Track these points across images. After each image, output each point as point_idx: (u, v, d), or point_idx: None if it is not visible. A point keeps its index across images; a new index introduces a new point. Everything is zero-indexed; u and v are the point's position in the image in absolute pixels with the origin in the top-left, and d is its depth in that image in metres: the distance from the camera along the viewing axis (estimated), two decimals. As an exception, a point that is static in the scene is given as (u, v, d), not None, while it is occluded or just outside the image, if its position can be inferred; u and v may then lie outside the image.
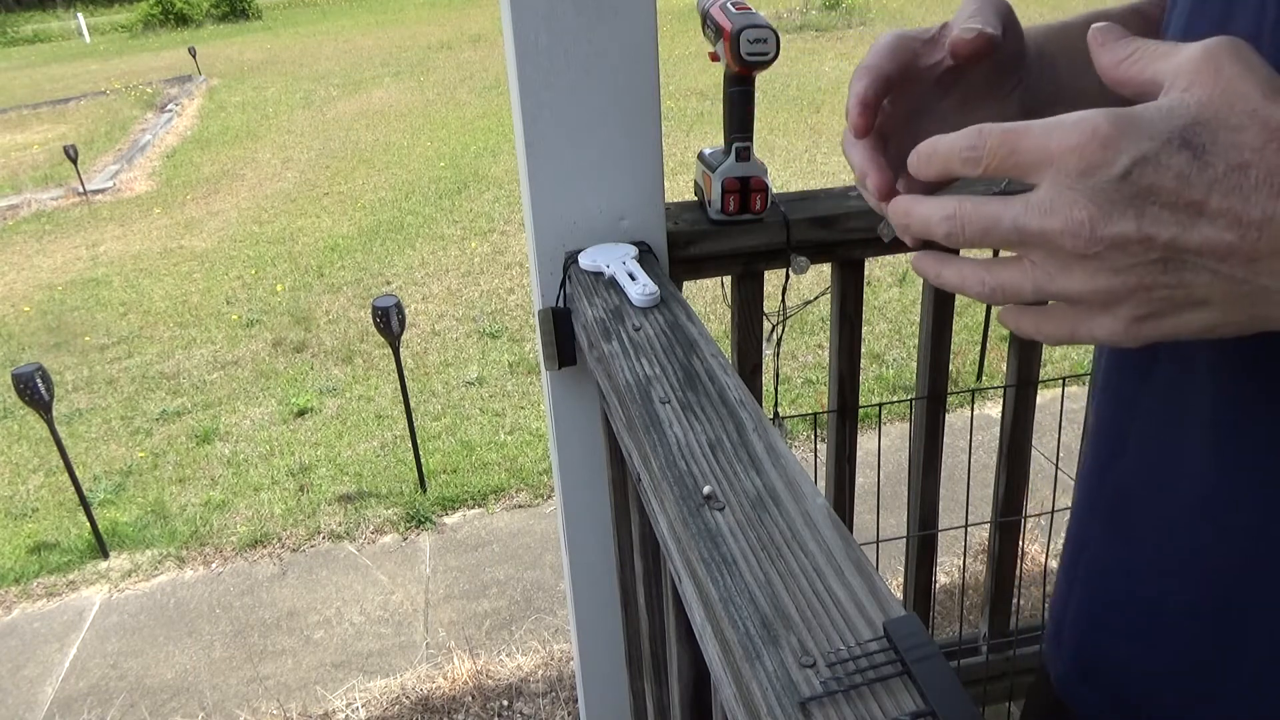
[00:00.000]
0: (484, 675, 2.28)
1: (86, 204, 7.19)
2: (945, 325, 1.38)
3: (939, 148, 0.39)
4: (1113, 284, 0.36)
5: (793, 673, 0.48)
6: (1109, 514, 0.58)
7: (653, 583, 0.96)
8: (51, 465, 3.53)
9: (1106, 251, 0.35)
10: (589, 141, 1.01)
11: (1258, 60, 0.35)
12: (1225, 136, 0.34)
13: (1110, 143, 0.34)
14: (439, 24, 15.75)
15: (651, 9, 0.98)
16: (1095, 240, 0.35)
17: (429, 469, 3.28)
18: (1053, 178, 0.36)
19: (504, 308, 4.70)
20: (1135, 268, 0.35)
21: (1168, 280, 0.35)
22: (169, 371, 4.32)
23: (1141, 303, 0.36)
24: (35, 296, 5.41)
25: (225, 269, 5.56)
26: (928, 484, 1.51)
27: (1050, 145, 0.36)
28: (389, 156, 7.78)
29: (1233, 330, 0.37)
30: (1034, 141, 0.36)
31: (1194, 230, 0.34)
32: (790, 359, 3.85)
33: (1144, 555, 0.55)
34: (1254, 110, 0.34)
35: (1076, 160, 0.35)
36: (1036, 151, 0.36)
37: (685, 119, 7.86)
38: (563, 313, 1.04)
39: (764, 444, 0.68)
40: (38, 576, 2.93)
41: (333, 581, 2.79)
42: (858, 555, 0.56)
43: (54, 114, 11.04)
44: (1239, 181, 0.33)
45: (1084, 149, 0.35)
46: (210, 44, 15.85)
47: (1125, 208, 0.34)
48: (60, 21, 22.97)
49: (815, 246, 1.20)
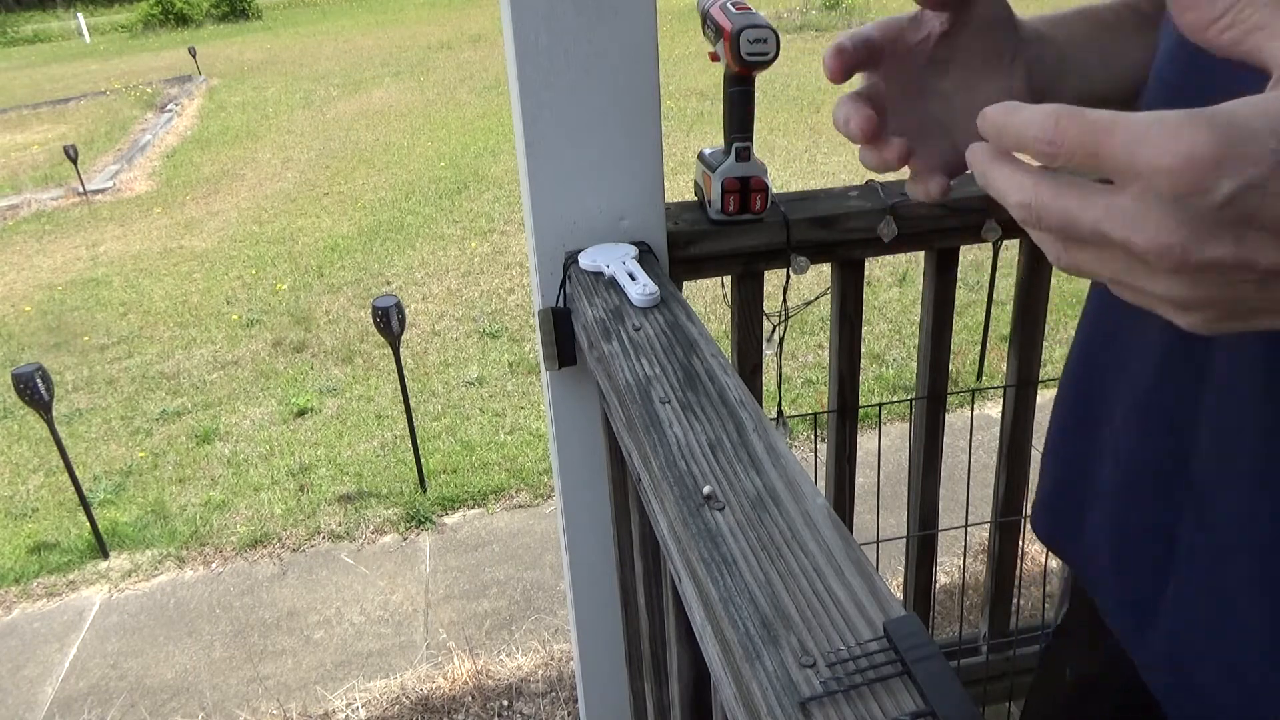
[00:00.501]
0: (484, 675, 2.28)
1: (86, 204, 7.19)
2: (945, 325, 1.38)
3: (1011, 124, 0.34)
4: (1199, 295, 0.33)
5: (793, 673, 0.48)
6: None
7: (653, 583, 0.96)
8: (51, 465, 3.53)
9: (1197, 273, 0.32)
10: (589, 141, 1.01)
11: None
12: None
13: (1211, 168, 0.30)
14: (439, 24, 15.76)
15: (651, 9, 0.98)
16: (1186, 264, 0.32)
17: (429, 469, 3.28)
18: (1140, 191, 0.32)
19: (504, 308, 4.70)
20: (1228, 286, 0.33)
21: (1262, 295, 0.33)
22: (169, 371, 4.32)
23: (1227, 311, 0.34)
24: (35, 296, 5.42)
25: (225, 269, 5.56)
26: (928, 484, 1.51)
27: (1138, 159, 0.31)
28: (389, 156, 7.78)
29: None
30: (1120, 148, 0.32)
31: None
32: (790, 359, 3.85)
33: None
34: None
35: (1170, 183, 0.31)
36: (1122, 159, 0.32)
37: (685, 119, 7.86)
38: (563, 313, 1.04)
39: (764, 444, 0.68)
40: (38, 576, 2.93)
41: (333, 581, 2.79)
42: (858, 555, 0.56)
43: (54, 114, 11.05)
44: None
45: (1179, 173, 0.30)
46: (210, 44, 15.85)
47: (1223, 233, 0.31)
48: (60, 21, 22.98)
49: (815, 246, 1.20)
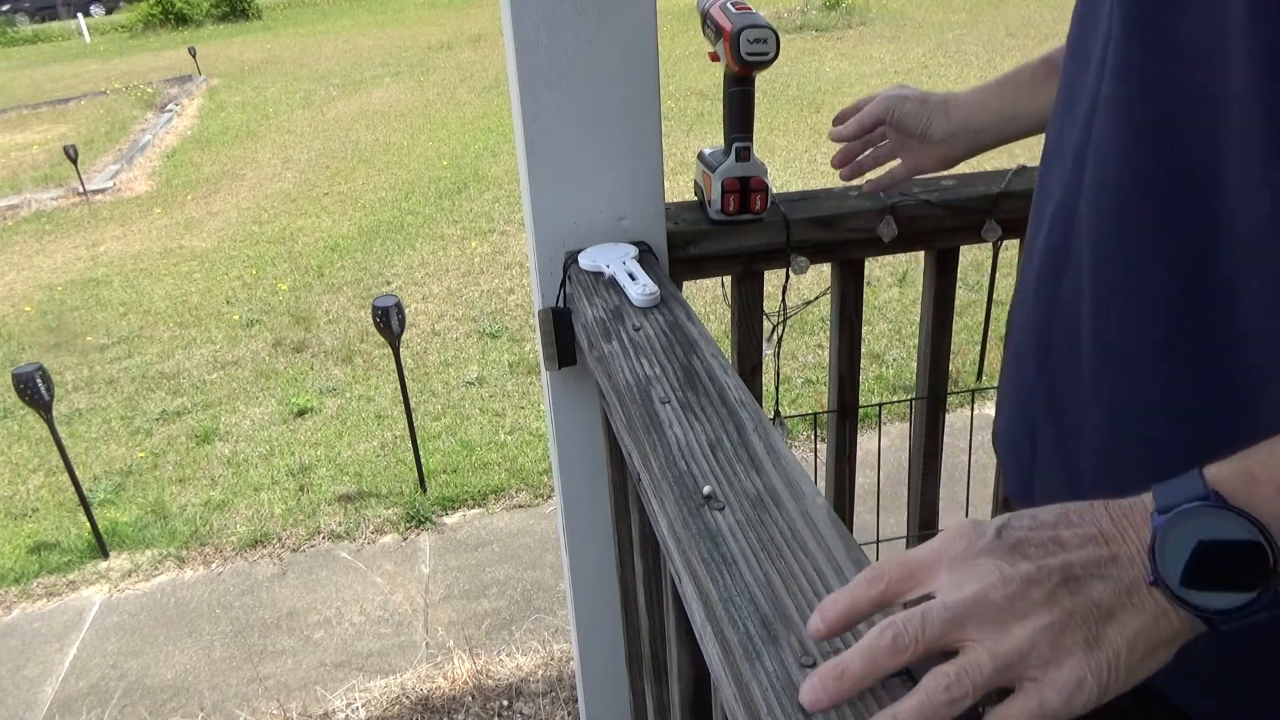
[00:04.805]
0: (484, 675, 2.28)
1: (86, 204, 7.19)
2: (945, 325, 1.38)
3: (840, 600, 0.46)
4: (1047, 619, 0.41)
5: (793, 673, 0.48)
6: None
7: (653, 583, 0.96)
8: (51, 465, 3.53)
9: (1023, 588, 0.41)
10: (589, 141, 1.01)
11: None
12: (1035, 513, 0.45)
13: (975, 524, 0.44)
14: (439, 24, 15.75)
15: (651, 9, 0.98)
16: (1010, 579, 0.42)
17: (429, 469, 3.28)
18: (949, 565, 0.44)
19: (504, 308, 4.70)
20: (1051, 596, 0.41)
21: (1080, 601, 0.41)
22: (169, 371, 4.32)
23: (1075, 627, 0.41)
24: (35, 296, 5.42)
25: (225, 269, 5.56)
26: (928, 484, 1.51)
27: (934, 548, 0.45)
28: (389, 156, 7.78)
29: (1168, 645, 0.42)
30: (921, 554, 0.45)
31: (1067, 553, 0.42)
32: (790, 359, 3.85)
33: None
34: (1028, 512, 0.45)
35: (960, 544, 0.44)
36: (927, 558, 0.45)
37: (685, 119, 7.86)
38: (563, 313, 1.04)
39: (764, 444, 0.68)
40: (38, 576, 2.93)
41: (333, 581, 2.79)
42: (858, 555, 0.56)
43: (54, 114, 11.04)
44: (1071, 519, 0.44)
45: (960, 534, 0.44)
46: (210, 44, 15.84)
47: (1014, 554, 0.43)
48: (60, 22, 22.96)
49: (815, 246, 1.20)
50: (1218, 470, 0.44)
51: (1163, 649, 0.42)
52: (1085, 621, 0.41)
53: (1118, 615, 0.41)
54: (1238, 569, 0.41)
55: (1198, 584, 0.41)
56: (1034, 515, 0.44)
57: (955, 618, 0.42)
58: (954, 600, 0.42)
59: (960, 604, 0.42)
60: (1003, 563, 0.42)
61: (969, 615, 0.42)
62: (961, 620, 0.42)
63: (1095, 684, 0.40)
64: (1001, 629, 0.41)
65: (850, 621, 0.46)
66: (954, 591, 0.42)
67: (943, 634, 0.42)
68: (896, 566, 0.45)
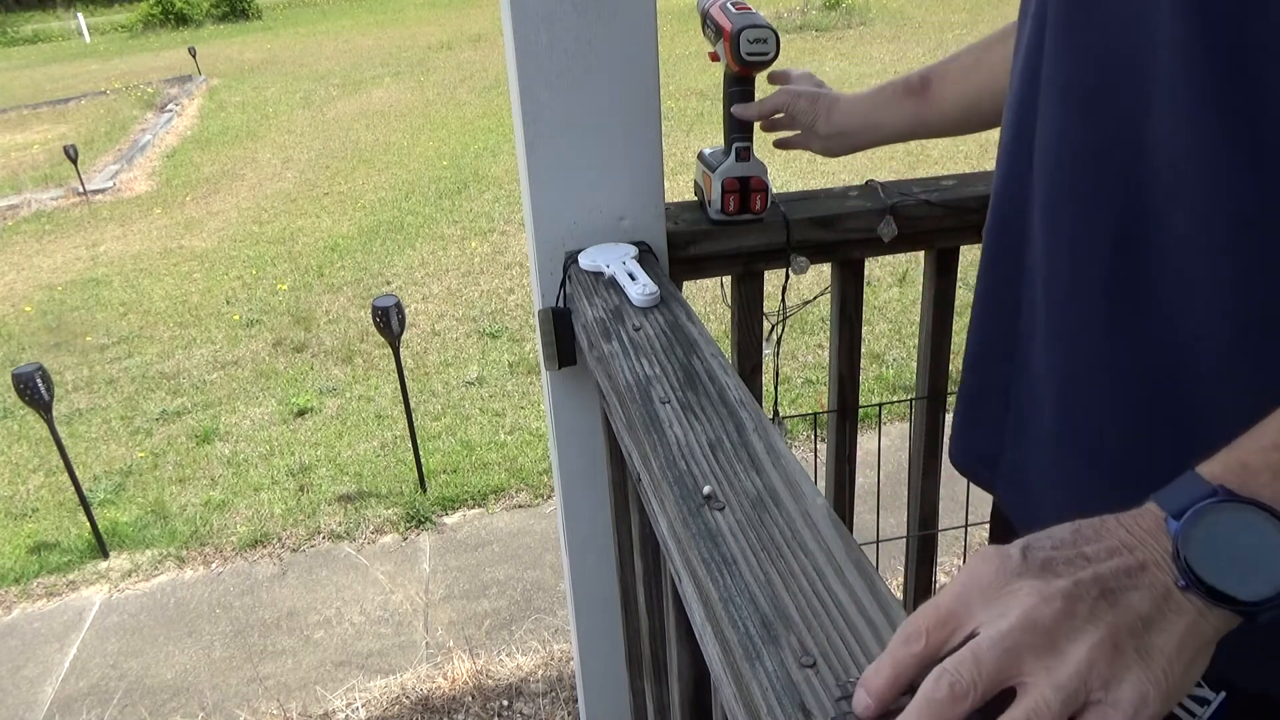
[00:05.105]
0: (484, 675, 2.28)
1: (86, 204, 7.19)
2: (945, 325, 1.38)
3: (881, 669, 0.43)
4: (1097, 635, 0.40)
5: (793, 673, 0.48)
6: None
7: (653, 583, 0.96)
8: (51, 465, 3.53)
9: (1067, 605, 0.40)
10: (589, 141, 1.01)
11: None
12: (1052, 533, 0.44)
13: (998, 551, 0.43)
14: (439, 24, 15.75)
15: (651, 9, 0.98)
16: (1051, 597, 0.41)
17: (429, 469, 3.28)
18: (981, 596, 0.42)
19: (504, 308, 4.70)
20: (1094, 611, 0.40)
21: (1122, 612, 0.41)
22: (169, 371, 4.32)
23: (1125, 639, 0.40)
24: (35, 296, 5.42)
25: (225, 269, 5.56)
26: (928, 484, 1.50)
27: (963, 584, 0.43)
28: (389, 156, 7.78)
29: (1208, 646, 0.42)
30: (951, 595, 0.43)
31: (1096, 567, 0.42)
32: (790, 359, 3.85)
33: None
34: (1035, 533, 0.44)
35: (988, 574, 0.43)
36: (959, 595, 0.43)
37: (685, 119, 7.86)
38: (563, 313, 1.04)
39: (764, 444, 0.68)
40: (38, 576, 2.93)
41: (333, 581, 2.79)
42: (858, 555, 0.56)
43: (54, 114, 11.04)
44: (1087, 534, 0.43)
45: (985, 563, 0.43)
46: (210, 44, 15.84)
47: (1046, 574, 0.42)
48: (60, 21, 22.95)
49: (815, 246, 1.20)
50: (1211, 467, 0.44)
51: (1205, 650, 0.42)
52: (1132, 633, 0.40)
53: (1159, 623, 0.41)
54: (1263, 555, 0.41)
55: (1228, 580, 0.41)
56: (1051, 535, 0.44)
57: (1008, 650, 0.40)
58: (1001, 631, 0.40)
59: (1009, 634, 0.40)
60: (1039, 583, 0.41)
61: (1021, 644, 0.40)
62: (1015, 651, 0.40)
63: (1157, 696, 0.40)
64: (1056, 654, 0.40)
65: (898, 688, 0.43)
66: (999, 622, 0.41)
67: (998, 670, 0.40)
68: (930, 614, 0.43)
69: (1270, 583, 0.41)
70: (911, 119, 1.03)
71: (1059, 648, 0.40)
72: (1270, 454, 0.44)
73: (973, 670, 0.40)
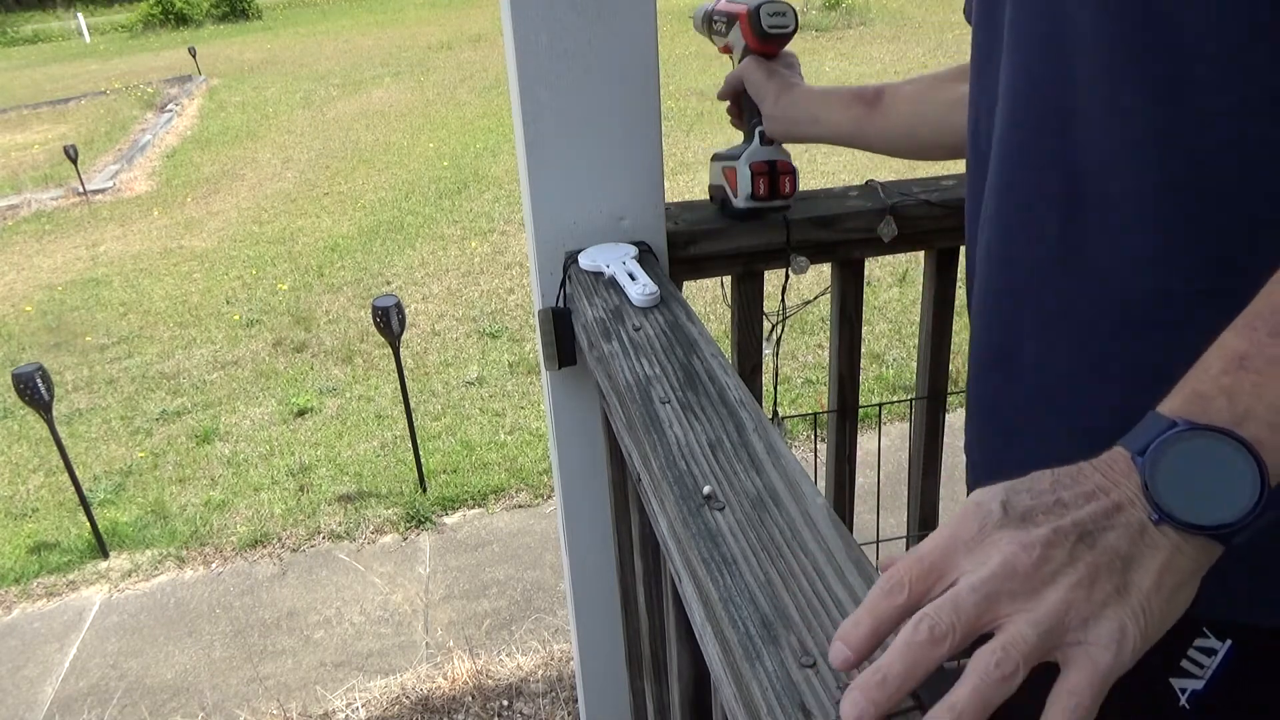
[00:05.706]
0: (484, 675, 2.28)
1: (86, 204, 7.19)
2: (945, 325, 1.38)
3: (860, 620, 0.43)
4: (1075, 576, 0.41)
5: (793, 673, 0.48)
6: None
7: (653, 583, 0.96)
8: (51, 465, 3.53)
9: (1045, 552, 0.41)
10: (589, 141, 1.01)
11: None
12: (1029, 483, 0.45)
13: (978, 505, 0.44)
14: (439, 24, 15.75)
15: (651, 9, 0.98)
16: (1030, 545, 0.42)
17: (429, 469, 3.28)
18: (965, 549, 0.43)
19: (504, 308, 4.70)
20: (1072, 553, 0.42)
21: (1099, 553, 0.42)
22: (169, 371, 4.32)
23: (1103, 578, 0.41)
24: (35, 296, 5.42)
25: (225, 269, 5.56)
26: (928, 484, 1.50)
27: (946, 536, 0.44)
28: (389, 156, 7.78)
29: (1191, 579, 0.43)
30: (933, 546, 0.44)
31: (1074, 512, 0.43)
32: (790, 359, 3.85)
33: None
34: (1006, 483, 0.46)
35: (971, 526, 0.44)
36: (941, 546, 0.44)
37: (685, 119, 7.87)
38: (563, 313, 1.04)
39: (764, 444, 0.68)
40: (38, 576, 2.93)
41: (333, 581, 2.79)
42: (858, 555, 0.56)
43: (54, 114, 11.04)
44: (1064, 481, 0.44)
45: (967, 516, 0.44)
46: (210, 44, 15.84)
47: (1026, 524, 0.43)
48: (60, 21, 22.95)
49: (815, 246, 1.20)
50: (1169, 404, 0.46)
51: (1187, 584, 0.42)
52: (1110, 571, 0.41)
53: (1137, 559, 0.42)
54: (1229, 479, 0.42)
55: (1198, 506, 0.42)
56: (1029, 485, 0.45)
57: (986, 595, 0.41)
58: (982, 578, 0.41)
59: (989, 580, 0.41)
60: (1019, 533, 0.42)
61: (999, 590, 0.41)
62: (994, 596, 0.41)
63: (1136, 630, 0.40)
64: (1035, 596, 0.41)
65: (878, 640, 0.43)
66: (980, 570, 0.42)
67: (977, 614, 0.41)
68: (913, 565, 0.43)
69: (1236, 505, 0.41)
70: (853, 126, 1.04)
71: (1037, 591, 0.41)
72: (1220, 379, 0.45)
73: (951, 614, 0.41)
